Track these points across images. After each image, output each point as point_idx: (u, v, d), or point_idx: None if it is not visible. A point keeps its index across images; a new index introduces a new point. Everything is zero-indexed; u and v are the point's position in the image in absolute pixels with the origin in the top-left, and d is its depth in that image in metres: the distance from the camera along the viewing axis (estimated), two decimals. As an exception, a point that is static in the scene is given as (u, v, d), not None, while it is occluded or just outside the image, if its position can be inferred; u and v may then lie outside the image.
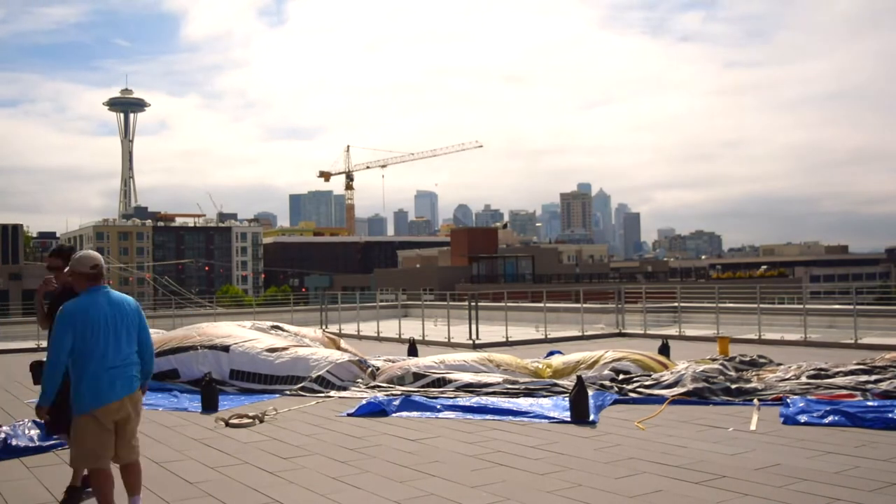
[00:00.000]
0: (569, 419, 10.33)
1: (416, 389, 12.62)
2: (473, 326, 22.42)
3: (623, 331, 24.98)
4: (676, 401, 11.36)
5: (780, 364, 14.13)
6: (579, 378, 10.70)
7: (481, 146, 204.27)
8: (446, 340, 22.44)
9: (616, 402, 11.58)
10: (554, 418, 10.48)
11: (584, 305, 27.33)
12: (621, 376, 12.90)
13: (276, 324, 17.04)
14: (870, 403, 10.31)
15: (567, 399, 10.72)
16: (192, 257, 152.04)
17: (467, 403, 11.36)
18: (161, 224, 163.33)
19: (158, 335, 16.32)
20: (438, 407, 11.30)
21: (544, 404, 11.28)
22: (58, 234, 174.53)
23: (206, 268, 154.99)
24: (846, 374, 12.42)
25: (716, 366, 13.14)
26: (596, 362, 13.62)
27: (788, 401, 10.65)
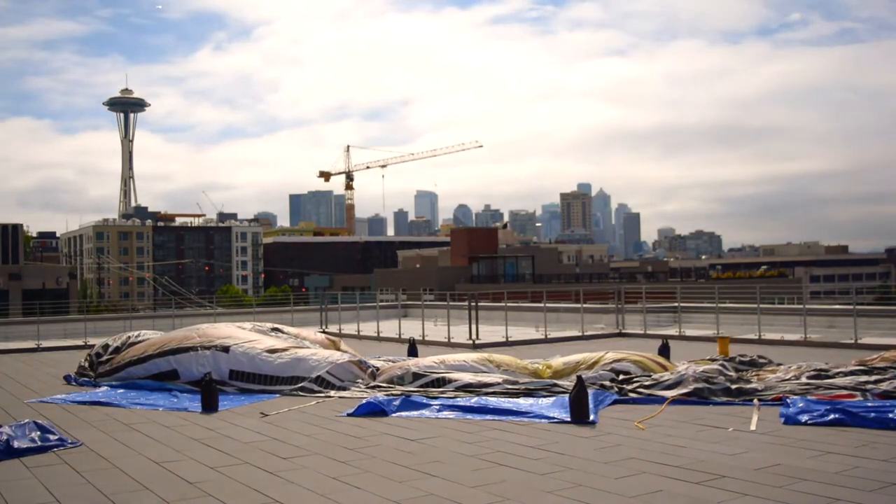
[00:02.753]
0: (569, 419, 10.33)
1: (415, 389, 12.63)
2: (473, 326, 22.43)
3: (623, 331, 24.99)
4: (676, 401, 11.37)
5: (780, 364, 14.14)
6: (579, 378, 10.70)
7: (481, 146, 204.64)
8: (446, 340, 22.44)
9: (616, 402, 11.59)
10: (554, 418, 10.49)
11: (584, 305, 27.34)
12: (621, 377, 12.91)
13: (276, 326, 17.05)
14: (870, 404, 10.31)
15: (567, 399, 10.73)
16: (192, 257, 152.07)
17: (467, 403, 11.36)
18: (161, 224, 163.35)
19: (158, 336, 16.33)
20: (438, 407, 11.30)
21: (544, 404, 11.28)
22: (58, 234, 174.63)
23: (206, 268, 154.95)
24: (846, 374, 12.43)
25: (716, 366, 13.15)
26: (596, 363, 13.63)
27: (788, 401, 10.65)
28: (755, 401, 11.17)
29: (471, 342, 21.66)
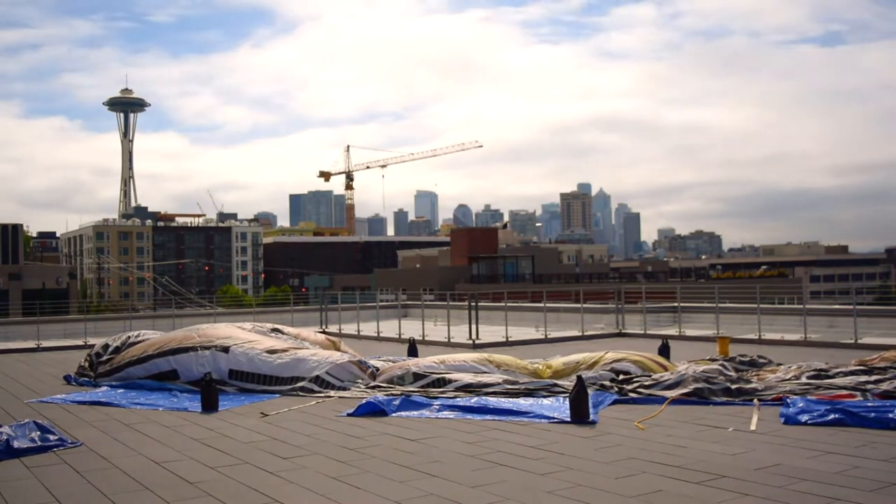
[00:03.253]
0: (569, 419, 10.33)
1: (416, 389, 12.62)
2: (473, 326, 22.43)
3: (623, 331, 24.99)
4: (676, 401, 11.37)
5: (780, 364, 14.14)
6: (579, 378, 10.70)
7: (481, 146, 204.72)
8: (446, 340, 22.44)
9: (616, 402, 11.59)
10: (554, 418, 10.49)
11: (584, 305, 27.36)
12: (621, 377, 12.92)
13: (276, 326, 17.07)
14: (870, 404, 10.31)
15: (567, 399, 10.73)
16: (192, 257, 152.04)
17: (467, 403, 11.36)
18: (161, 224, 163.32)
19: (158, 336, 16.33)
20: (438, 407, 11.30)
21: (544, 404, 11.29)
22: (58, 234, 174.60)
23: (206, 268, 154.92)
24: (846, 374, 12.44)
25: (716, 366, 13.15)
26: (596, 363, 13.63)
27: (788, 401, 10.65)
28: (755, 401, 11.17)
29: (471, 342, 21.66)
